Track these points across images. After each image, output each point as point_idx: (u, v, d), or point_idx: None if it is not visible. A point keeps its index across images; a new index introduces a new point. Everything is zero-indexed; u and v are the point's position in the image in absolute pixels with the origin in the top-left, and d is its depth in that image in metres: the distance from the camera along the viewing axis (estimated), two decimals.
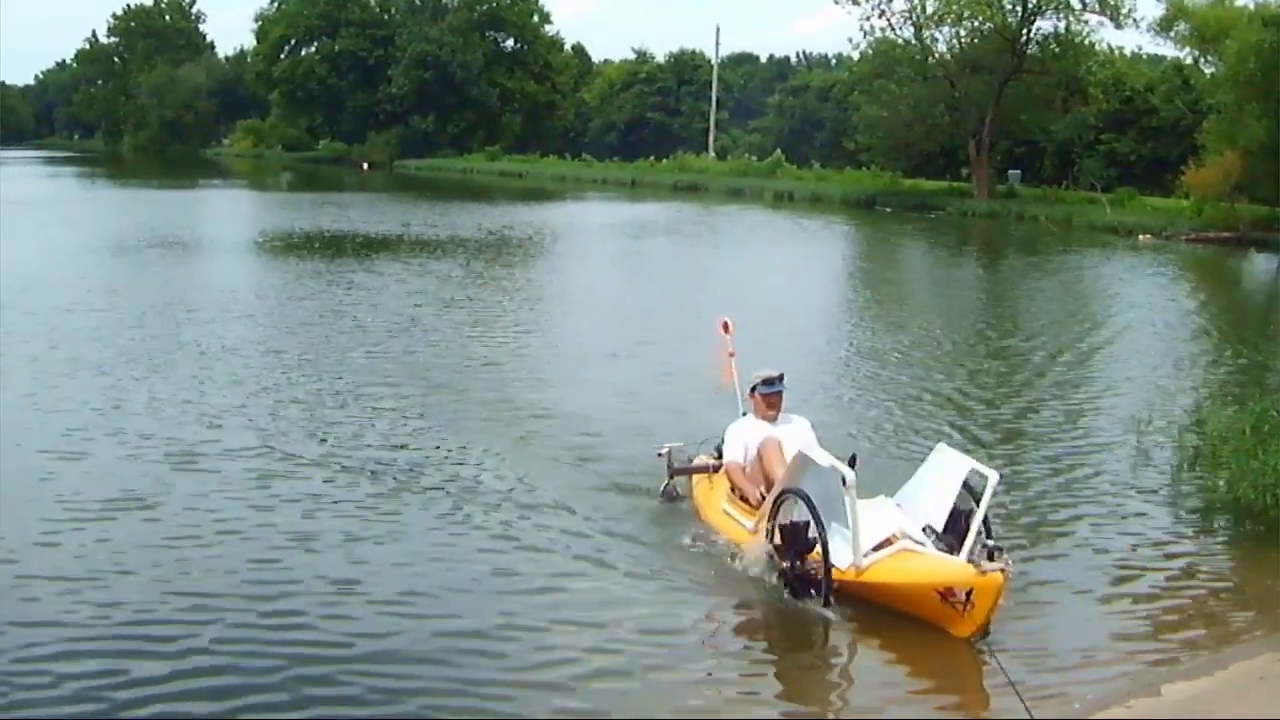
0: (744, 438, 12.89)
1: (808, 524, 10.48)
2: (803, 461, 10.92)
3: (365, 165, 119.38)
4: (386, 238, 45.13)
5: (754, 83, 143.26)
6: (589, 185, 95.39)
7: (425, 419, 17.45)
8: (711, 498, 13.05)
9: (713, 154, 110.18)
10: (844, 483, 10.27)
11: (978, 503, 10.86)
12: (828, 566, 10.31)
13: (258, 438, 16.03)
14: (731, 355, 14.91)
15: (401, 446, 16.01)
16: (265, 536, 12.27)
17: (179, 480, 14.12)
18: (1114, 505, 14.19)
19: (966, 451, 12.62)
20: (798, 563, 10.58)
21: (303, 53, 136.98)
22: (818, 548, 10.41)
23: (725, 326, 15.29)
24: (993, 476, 10.89)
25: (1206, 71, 68.44)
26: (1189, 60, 73.21)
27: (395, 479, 14.45)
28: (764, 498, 11.74)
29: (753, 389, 13.09)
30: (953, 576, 10.09)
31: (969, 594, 9.89)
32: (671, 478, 13.74)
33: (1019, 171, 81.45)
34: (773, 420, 12.96)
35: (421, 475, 14.69)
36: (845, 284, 39.74)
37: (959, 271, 44.30)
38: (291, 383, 19.60)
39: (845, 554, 10.43)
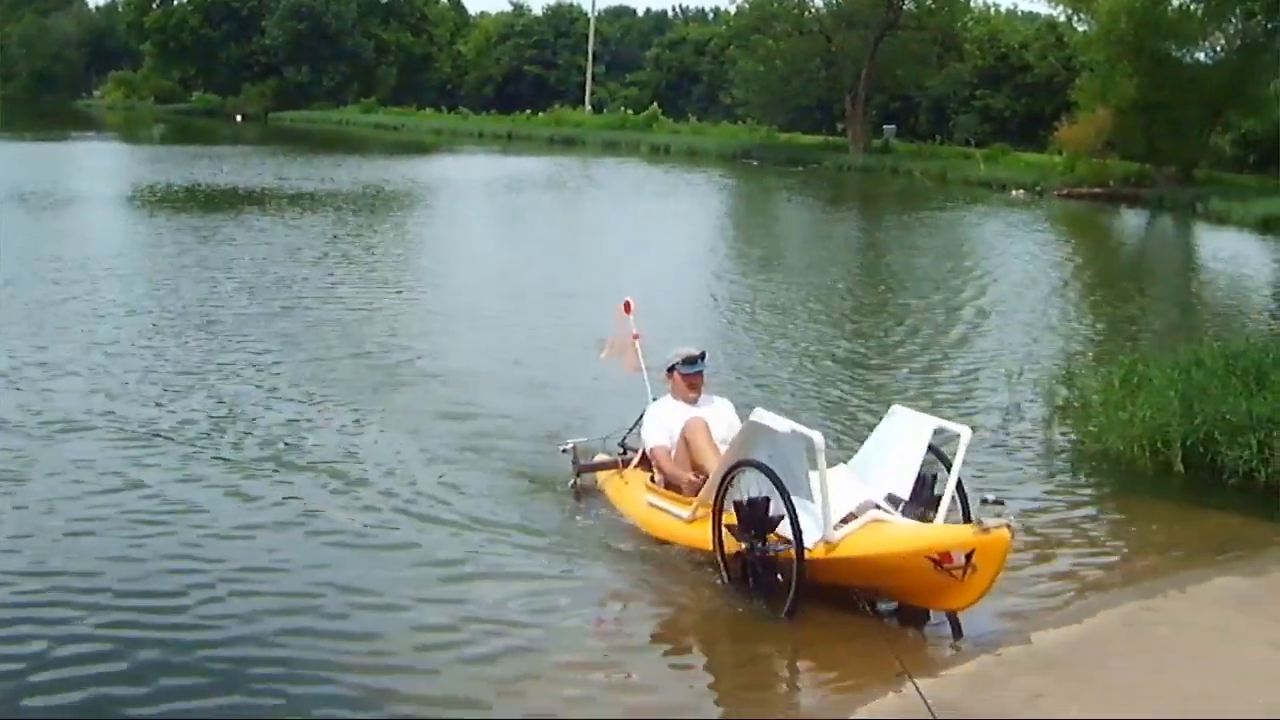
0: (665, 421, 11.56)
1: (767, 499, 9.36)
2: (754, 430, 9.63)
3: (239, 117, 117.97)
4: (261, 191, 44.35)
5: (631, 36, 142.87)
6: (465, 138, 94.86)
7: (297, 385, 16.39)
8: (628, 492, 11.72)
9: (589, 107, 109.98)
10: (813, 446, 9.03)
11: (946, 465, 9.99)
12: (799, 543, 9.04)
13: (110, 404, 14.94)
14: (636, 337, 13.14)
15: (269, 410, 15.08)
16: (116, 514, 11.17)
17: (34, 451, 13.01)
18: (984, 458, 14.28)
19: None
20: (759, 544, 9.39)
21: (175, 3, 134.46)
22: (781, 526, 9.26)
23: (626, 306, 13.39)
24: (965, 433, 9.94)
25: (1079, 29, 69.09)
26: (1062, 18, 73.86)
27: (262, 451, 13.42)
28: (696, 483, 10.61)
29: (671, 368, 11.81)
30: (949, 539, 8.95)
31: (969, 557, 8.73)
32: (578, 475, 12.45)
33: (894, 126, 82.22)
34: (693, 402, 11.70)
35: (291, 445, 13.70)
36: (726, 240, 39.67)
37: (837, 228, 44.43)
38: (154, 345, 18.45)
39: (811, 529, 9.13)
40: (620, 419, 13.02)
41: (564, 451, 12.65)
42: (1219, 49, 63.85)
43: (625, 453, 12.46)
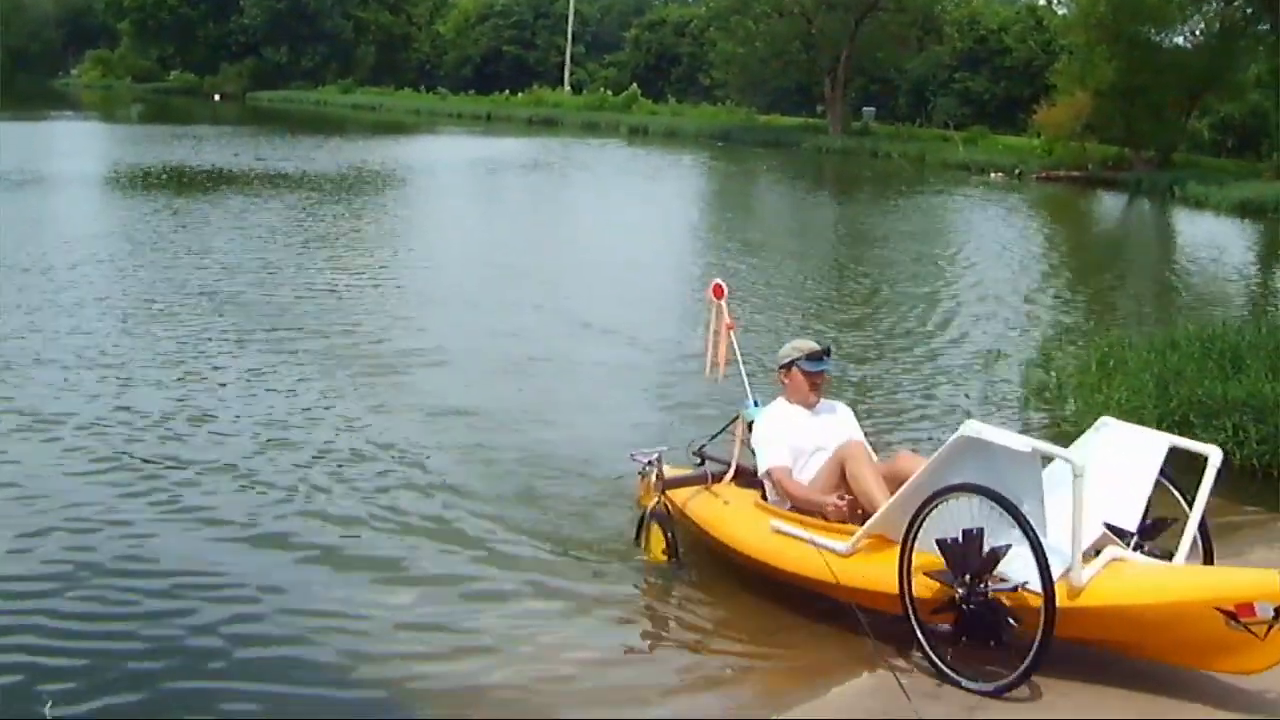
0: (787, 433, 9.60)
1: (981, 531, 7.58)
2: (970, 445, 7.78)
3: (217, 97, 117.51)
4: (240, 172, 44.17)
5: (610, 16, 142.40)
6: (444, 119, 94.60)
7: (279, 371, 15.86)
8: (733, 514, 9.68)
9: (568, 88, 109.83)
10: (1073, 470, 7.34)
11: (1181, 491, 8.45)
12: (1049, 585, 7.30)
13: (75, 392, 14.48)
14: (730, 328, 10.81)
15: (251, 399, 14.57)
16: (74, 512, 10.61)
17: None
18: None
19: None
20: (980, 586, 7.57)
21: None
22: (1010, 565, 7.56)
23: (717, 290, 10.87)
24: (1214, 454, 8.32)
25: (1059, 12, 69.43)
26: (1042, 1, 74.15)
27: (234, 440, 12.86)
28: (842, 508, 8.93)
29: (789, 364, 9.80)
30: (1260, 586, 7.15)
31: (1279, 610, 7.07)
32: (663, 493, 10.07)
33: (873, 109, 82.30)
34: (814, 406, 9.79)
35: (276, 435, 13.13)
36: (709, 223, 39.42)
37: (817, 211, 44.29)
38: (130, 328, 17.99)
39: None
40: (629, 405, 13.17)
41: (647, 463, 10.28)
42: (1198, 33, 64.09)
43: (703, 462, 10.47)
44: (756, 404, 10.21)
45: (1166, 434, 8.98)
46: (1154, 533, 8.32)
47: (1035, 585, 7.38)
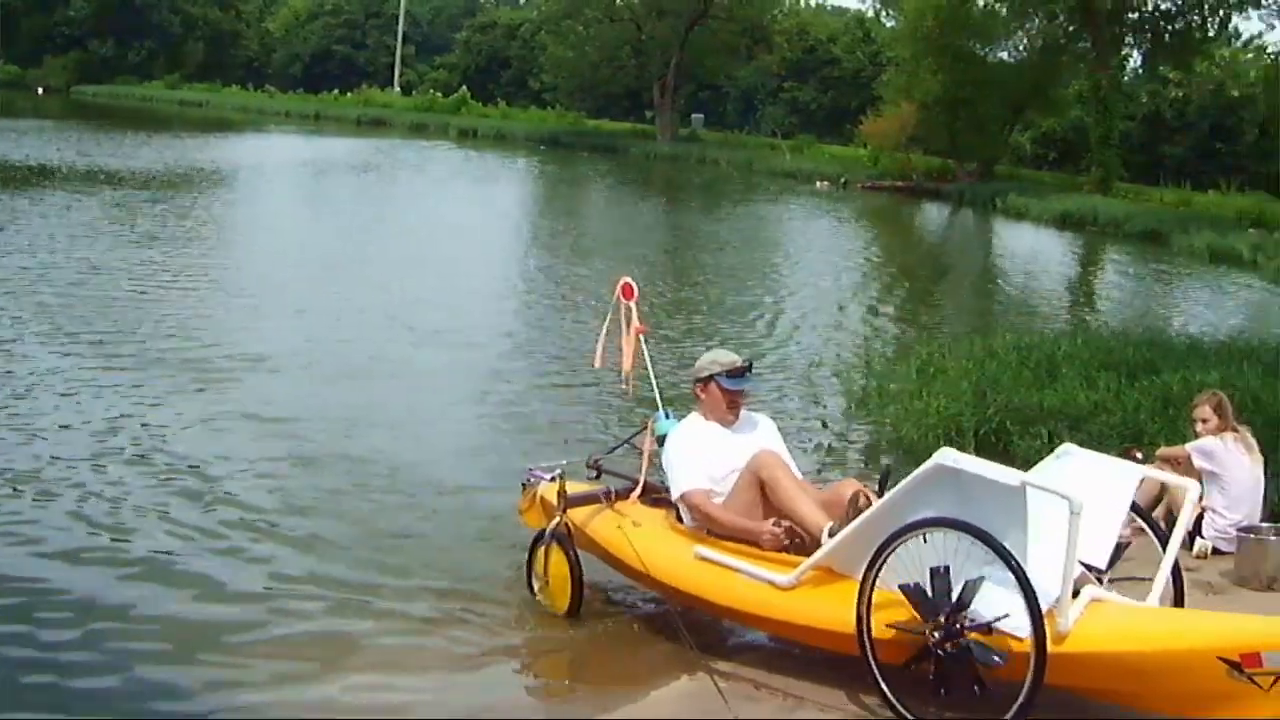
0: (704, 453, 8.72)
1: (948, 569, 6.96)
2: (944, 475, 7.12)
3: (40, 90, 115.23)
4: (61, 167, 43.11)
5: (442, 18, 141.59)
6: (272, 117, 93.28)
7: (97, 376, 15.03)
8: (645, 538, 8.72)
9: (398, 89, 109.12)
10: (1070, 509, 6.72)
11: (1152, 525, 8.20)
12: (1040, 629, 6.69)
13: None
14: (641, 332, 10.01)
15: (66, 405, 13.81)
16: None
17: None
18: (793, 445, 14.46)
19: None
20: (956, 627, 6.87)
21: None
22: (986, 606, 6.90)
23: (627, 290, 10.10)
24: (1192, 488, 8.08)
25: (887, 25, 70.24)
26: (870, 13, 75.06)
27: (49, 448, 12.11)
28: (779, 535, 8.15)
29: (707, 378, 8.89)
30: (1263, 637, 6.59)
31: None
32: (564, 513, 9.10)
33: (702, 116, 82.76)
34: (731, 424, 8.92)
35: (88, 446, 12.23)
36: (541, 227, 39.38)
37: (644, 217, 44.18)
38: None
39: (1020, 614, 6.78)
40: (473, 416, 13.05)
41: (551, 479, 9.34)
42: (1021, 49, 65.32)
43: (598, 476, 9.65)
44: (668, 416, 9.44)
45: (1137, 464, 8.73)
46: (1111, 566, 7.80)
47: (1012, 625, 6.82)
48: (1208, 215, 48.67)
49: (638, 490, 9.21)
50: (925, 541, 7.05)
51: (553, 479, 9.20)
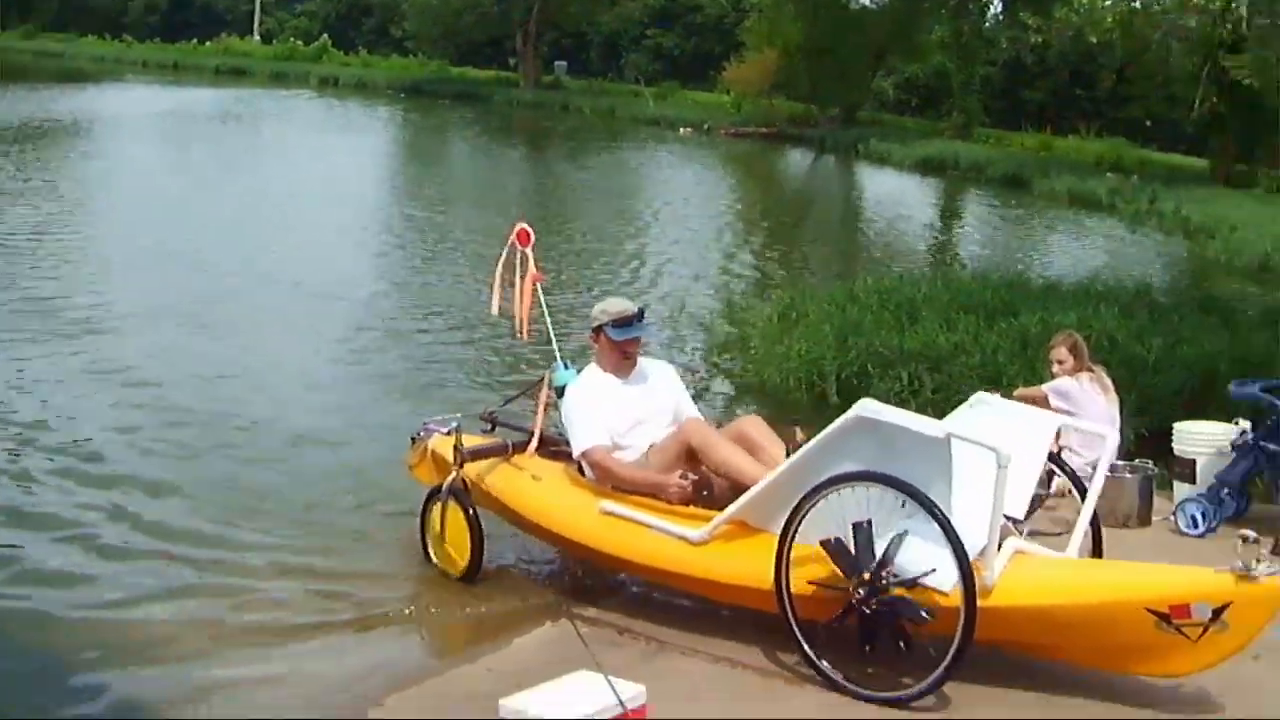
0: (604, 408, 8.38)
1: (869, 523, 6.77)
2: (864, 427, 6.89)
3: None
4: None
5: None
6: (130, 67, 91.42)
7: None
8: (546, 492, 8.50)
9: (258, 37, 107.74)
10: (998, 462, 6.60)
11: (1072, 476, 8.01)
12: (969, 583, 6.53)
13: None
14: (538, 279, 9.46)
15: None
16: None
17: None
18: None
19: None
20: (877, 584, 6.69)
21: None
22: (908, 562, 6.72)
23: (523, 236, 9.53)
24: (1111, 438, 8.16)
25: None
26: None
27: None
28: (686, 488, 7.89)
29: (598, 328, 8.54)
30: (1198, 586, 6.62)
31: (1219, 612, 6.50)
32: (460, 468, 8.66)
33: (565, 63, 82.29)
34: (627, 373, 8.57)
35: None
36: (405, 176, 39.07)
37: (508, 166, 43.90)
38: None
39: (948, 570, 6.62)
40: (322, 374, 12.87)
41: (447, 432, 8.87)
42: None
43: (493, 429, 9.23)
44: (567, 366, 9.06)
45: (1054, 413, 8.75)
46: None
47: (937, 580, 6.63)
48: (1067, 160, 49.41)
49: (534, 443, 8.79)
50: (844, 495, 6.83)
51: (449, 432, 8.77)
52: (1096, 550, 7.62)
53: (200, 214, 25.59)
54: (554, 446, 8.82)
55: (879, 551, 6.69)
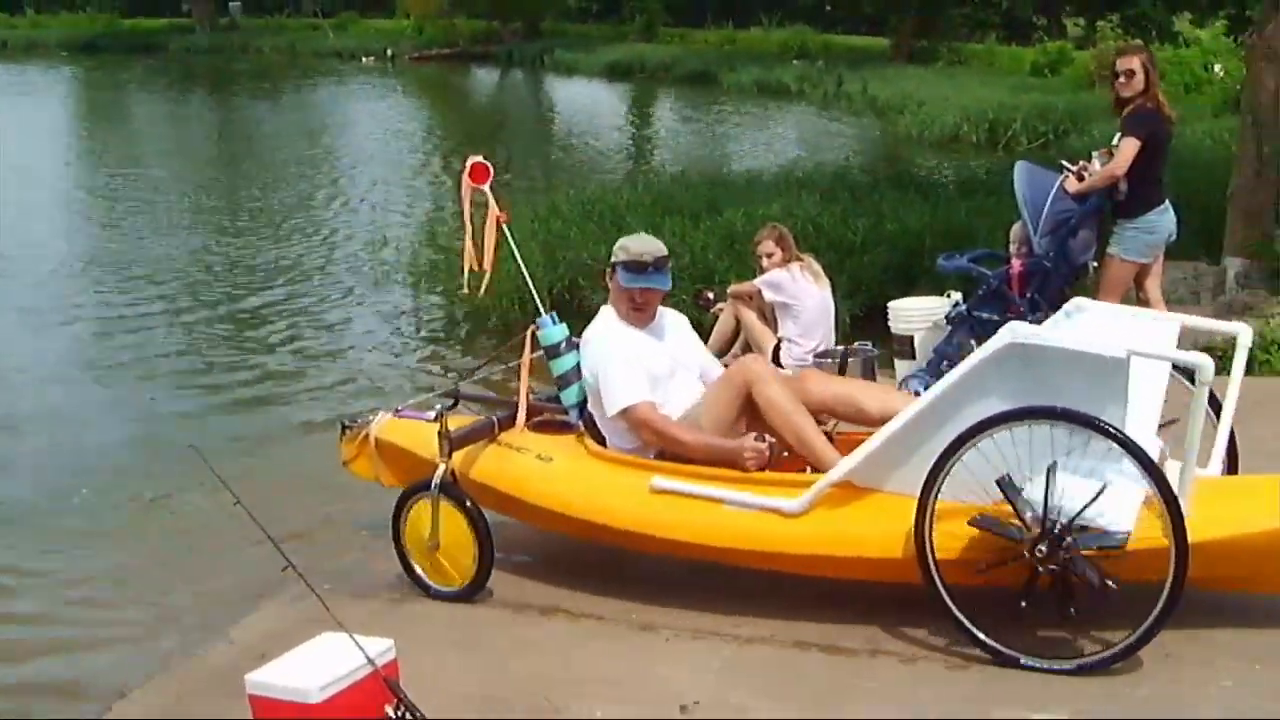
0: (638, 356, 7.04)
1: (1055, 467, 5.69)
2: (1018, 355, 5.79)
3: None
4: None
5: None
6: None
7: None
8: (575, 476, 7.02)
9: None
10: (1199, 379, 5.82)
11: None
12: (1180, 526, 5.53)
13: None
14: (501, 219, 7.55)
15: None
16: None
17: None
18: (362, 333, 14.25)
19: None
20: (1067, 540, 5.60)
21: None
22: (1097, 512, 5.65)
23: (479, 172, 7.58)
24: (1244, 333, 6.93)
25: None
26: None
27: None
28: (762, 450, 6.60)
29: (611, 267, 7.26)
30: None
31: None
32: (449, 459, 7.04)
33: (240, 3, 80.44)
34: (645, 325, 7.21)
35: None
36: (71, 139, 37.52)
37: (186, 117, 42.62)
38: None
39: (1126, 511, 5.69)
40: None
41: (435, 415, 7.15)
42: None
43: (455, 404, 7.52)
44: (554, 320, 7.47)
45: (1173, 313, 7.72)
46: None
47: (1118, 523, 5.62)
48: (753, 52, 49.87)
49: (521, 415, 7.35)
50: (1000, 439, 5.76)
51: (437, 416, 7.08)
52: (1232, 467, 6.75)
53: None
54: (539, 417, 7.47)
55: (1053, 497, 5.66)
